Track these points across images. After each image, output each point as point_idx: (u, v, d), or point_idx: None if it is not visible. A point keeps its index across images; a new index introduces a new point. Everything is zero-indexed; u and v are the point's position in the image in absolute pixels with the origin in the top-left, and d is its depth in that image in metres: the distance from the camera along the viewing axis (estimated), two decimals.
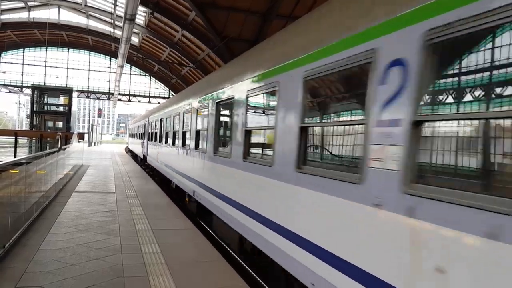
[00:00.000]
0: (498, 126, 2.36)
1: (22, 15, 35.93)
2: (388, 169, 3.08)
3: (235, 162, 6.65)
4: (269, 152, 5.52)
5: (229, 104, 7.23)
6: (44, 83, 44.30)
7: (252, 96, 6.14)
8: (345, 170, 3.78)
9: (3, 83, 42.59)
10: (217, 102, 8.04)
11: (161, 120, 16.69)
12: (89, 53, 46.69)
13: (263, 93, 5.72)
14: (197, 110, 9.98)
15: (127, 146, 46.91)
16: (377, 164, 3.23)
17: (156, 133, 18.28)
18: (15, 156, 23.82)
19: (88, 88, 46.90)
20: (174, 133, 13.22)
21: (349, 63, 3.64)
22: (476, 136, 2.52)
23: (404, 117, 2.91)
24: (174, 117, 13.38)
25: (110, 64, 45.25)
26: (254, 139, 6.34)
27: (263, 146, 6.16)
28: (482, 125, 2.44)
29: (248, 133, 6.25)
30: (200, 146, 9.57)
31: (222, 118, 8.10)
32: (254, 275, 7.22)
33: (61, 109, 36.89)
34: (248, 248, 7.18)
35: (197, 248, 6.78)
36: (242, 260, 7.81)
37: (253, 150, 6.27)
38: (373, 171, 3.27)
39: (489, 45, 2.32)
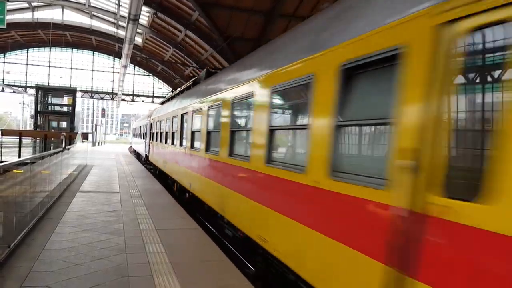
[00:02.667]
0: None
1: (26, 16, 36.04)
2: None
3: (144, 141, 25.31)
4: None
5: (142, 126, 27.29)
6: (48, 83, 44.41)
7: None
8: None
9: (7, 83, 42.73)
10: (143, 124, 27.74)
11: (134, 128, 37.15)
12: (93, 53, 46.78)
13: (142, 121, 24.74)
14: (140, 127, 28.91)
15: (131, 146, 48.57)
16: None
17: (135, 134, 36.67)
18: (19, 156, 23.88)
19: (91, 88, 47.01)
20: (137, 134, 29.79)
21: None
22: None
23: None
24: (135, 128, 32.04)
25: (114, 64, 45.33)
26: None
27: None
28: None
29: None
30: (142, 138, 24.06)
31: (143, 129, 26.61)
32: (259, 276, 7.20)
33: (65, 109, 36.95)
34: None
35: (202, 248, 6.79)
36: (246, 260, 7.80)
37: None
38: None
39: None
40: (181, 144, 11.85)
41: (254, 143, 5.76)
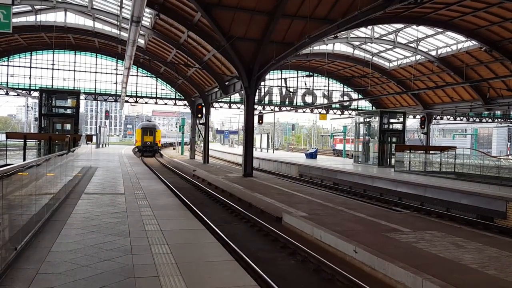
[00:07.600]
0: None
1: (29, 19, 36.13)
2: None
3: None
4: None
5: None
6: (52, 85, 44.56)
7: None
8: None
9: (11, 86, 42.92)
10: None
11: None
12: (96, 55, 46.99)
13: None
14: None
15: (135, 147, 50.87)
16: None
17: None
18: (24, 159, 23.96)
19: (95, 90, 47.24)
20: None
21: None
22: None
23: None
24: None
25: (117, 66, 45.50)
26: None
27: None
28: None
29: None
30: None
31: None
32: (264, 275, 7.22)
33: (69, 111, 37.03)
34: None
35: (207, 249, 6.80)
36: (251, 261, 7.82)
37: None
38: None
39: None
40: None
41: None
